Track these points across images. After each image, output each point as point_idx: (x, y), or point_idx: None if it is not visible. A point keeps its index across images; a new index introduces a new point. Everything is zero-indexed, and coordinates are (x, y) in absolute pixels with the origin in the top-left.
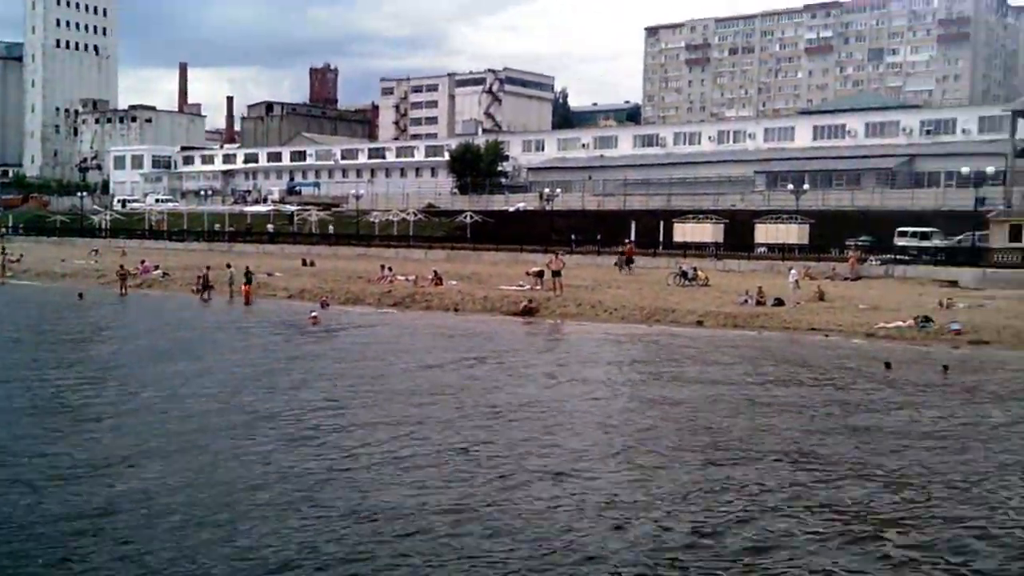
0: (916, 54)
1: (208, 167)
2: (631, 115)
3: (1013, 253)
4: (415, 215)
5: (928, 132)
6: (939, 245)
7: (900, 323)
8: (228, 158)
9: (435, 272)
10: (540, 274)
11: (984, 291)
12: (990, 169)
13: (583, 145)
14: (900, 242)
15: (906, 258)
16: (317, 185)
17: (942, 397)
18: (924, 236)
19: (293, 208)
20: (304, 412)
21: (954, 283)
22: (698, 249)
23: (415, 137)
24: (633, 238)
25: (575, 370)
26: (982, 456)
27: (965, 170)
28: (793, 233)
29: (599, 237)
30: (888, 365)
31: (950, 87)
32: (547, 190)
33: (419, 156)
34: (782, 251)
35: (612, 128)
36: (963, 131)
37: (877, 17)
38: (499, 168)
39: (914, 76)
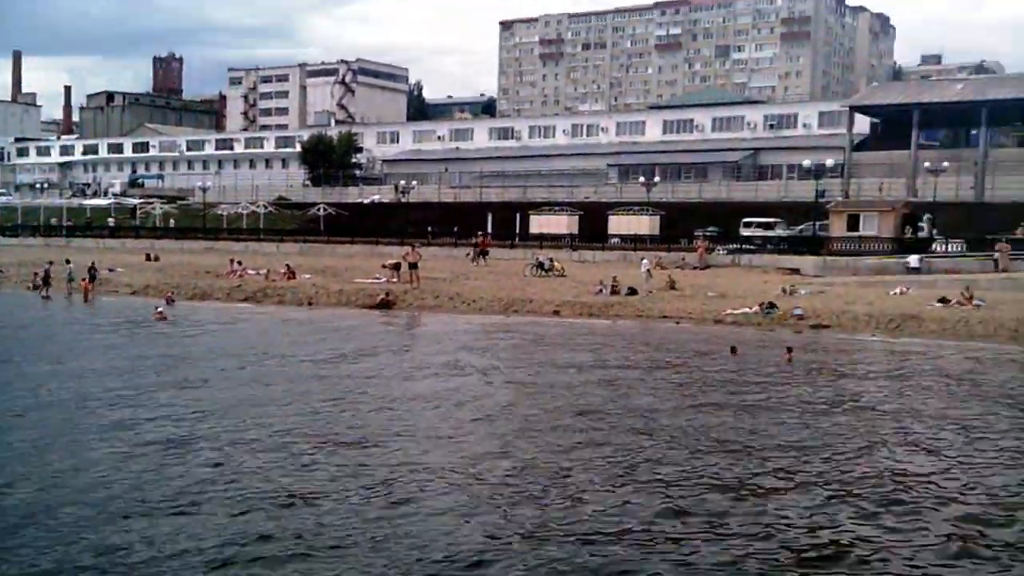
0: (760, 51)
1: (44, 159)
2: (486, 108)
3: (850, 242)
4: (266, 207)
5: (771, 126)
6: (782, 235)
7: (747, 309)
8: (66, 150)
9: (288, 266)
10: (397, 267)
11: (824, 278)
12: (829, 162)
13: (439, 137)
14: (745, 232)
15: (751, 247)
16: (161, 177)
17: (783, 376)
18: (768, 226)
19: (136, 201)
20: (154, 416)
21: (796, 271)
22: (554, 240)
23: (265, 128)
24: (489, 230)
25: (437, 360)
26: (815, 425)
27: (806, 163)
28: (645, 224)
29: (456, 229)
30: (734, 349)
31: (792, 83)
32: (403, 182)
33: (269, 147)
34: (635, 242)
35: (468, 121)
36: (804, 126)
37: (723, 15)
38: (353, 160)
39: (758, 72)
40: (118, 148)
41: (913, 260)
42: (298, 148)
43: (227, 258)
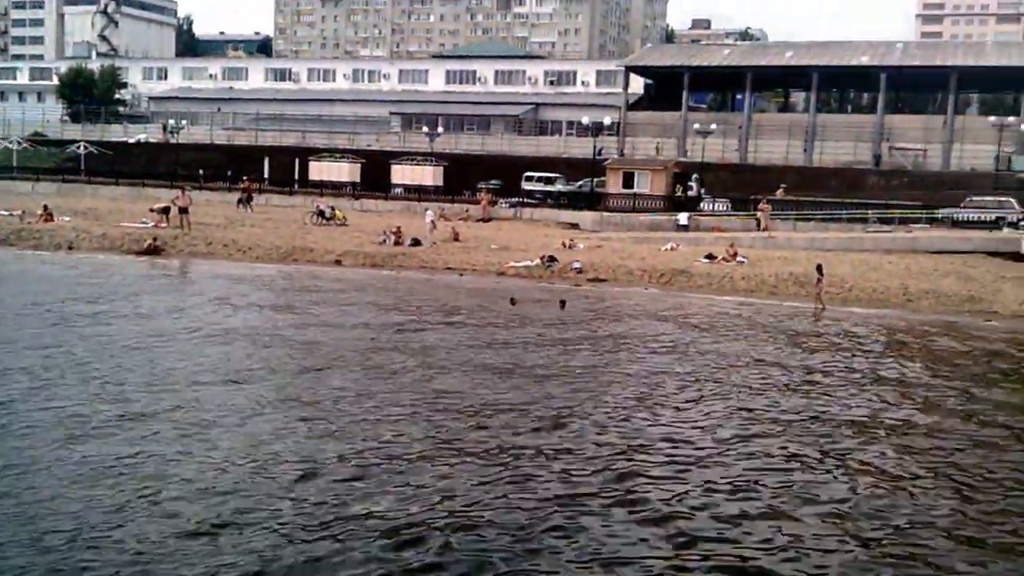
0: (541, 6)
1: None
2: (262, 47)
3: (626, 199)
4: (19, 144)
5: (552, 83)
6: (562, 190)
7: (528, 262)
8: None
9: (45, 207)
10: (166, 211)
11: (601, 233)
12: (607, 120)
13: (211, 76)
14: (527, 186)
15: (533, 201)
16: None
17: (558, 328)
18: (549, 181)
19: None
20: None
21: (576, 225)
22: (335, 188)
23: (17, 58)
24: (267, 175)
25: (203, 309)
26: (581, 359)
27: (585, 120)
28: (428, 175)
29: (230, 173)
30: (513, 301)
31: (571, 40)
32: (171, 121)
33: (23, 79)
34: (418, 192)
35: (242, 59)
36: (583, 83)
37: None
38: (117, 96)
39: (539, 27)
40: None
41: (683, 218)
42: (55, 81)
43: None
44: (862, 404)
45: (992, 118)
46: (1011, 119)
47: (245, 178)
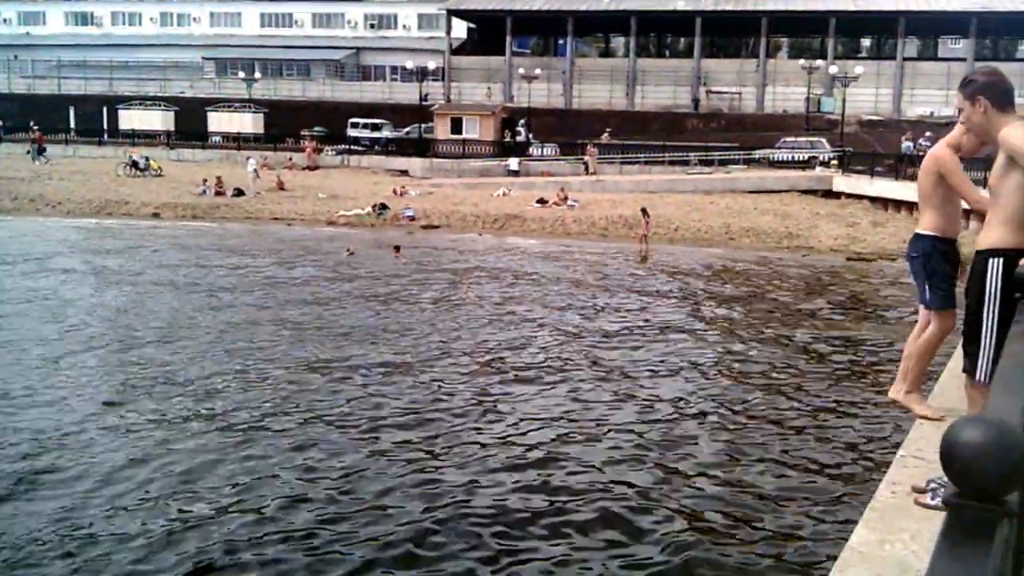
0: None
1: None
2: None
3: (455, 144)
4: None
5: (372, 26)
6: (389, 136)
7: (359, 210)
8: None
9: None
10: None
11: (432, 180)
12: (431, 65)
13: (4, 20)
14: (353, 133)
15: (360, 148)
16: None
17: (395, 274)
18: (375, 128)
19: None
20: None
21: (405, 172)
22: (148, 138)
23: None
24: (73, 125)
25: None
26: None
27: (410, 64)
28: (248, 122)
29: (33, 124)
30: (350, 251)
31: None
32: None
33: None
34: (238, 141)
35: (39, 3)
36: (404, 27)
37: None
38: None
39: None
40: None
41: (513, 163)
42: None
43: None
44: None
45: (801, 61)
46: (819, 62)
47: (35, 128)
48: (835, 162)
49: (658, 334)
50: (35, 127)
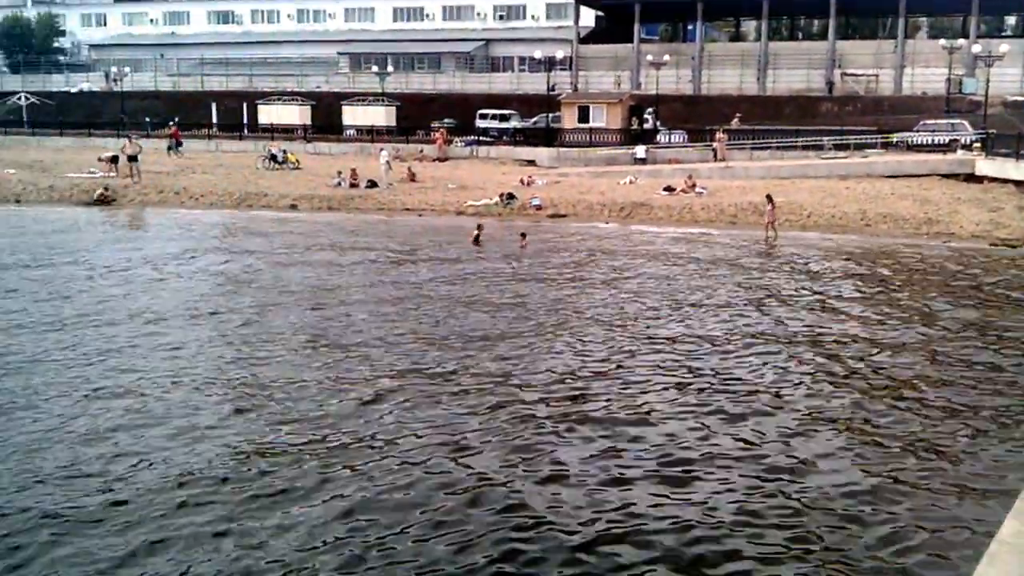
0: None
1: None
2: None
3: (582, 133)
4: None
5: (501, 17)
6: (517, 126)
7: (487, 200)
8: None
9: None
10: (114, 159)
11: (559, 169)
12: (559, 54)
13: (152, 21)
14: (482, 124)
15: (488, 139)
16: None
17: (518, 260)
18: (503, 118)
19: None
20: None
21: (532, 162)
22: (286, 132)
23: None
24: (215, 120)
25: (161, 258)
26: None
27: (537, 55)
28: (380, 115)
29: (177, 120)
30: (477, 239)
31: None
32: (114, 69)
33: None
34: (371, 133)
35: (183, 3)
36: (533, 17)
37: None
38: (56, 44)
39: None
40: None
41: (640, 151)
42: None
43: None
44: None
45: (942, 41)
46: (961, 42)
47: (171, 124)
48: (978, 145)
49: (780, 335)
50: (171, 123)
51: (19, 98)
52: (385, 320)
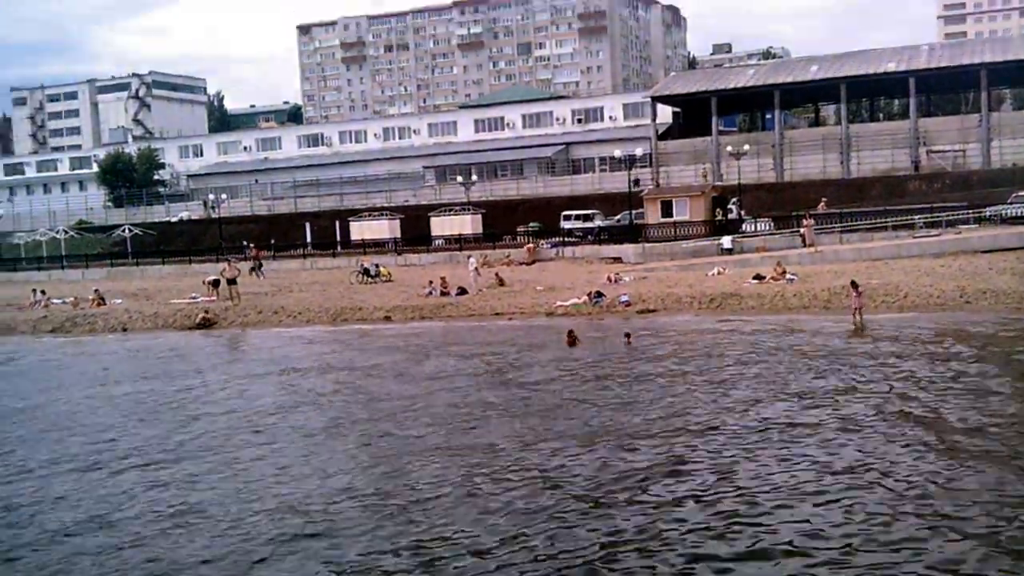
0: (560, 47)
1: None
2: (292, 115)
3: (666, 227)
4: (66, 233)
5: (580, 121)
6: (601, 225)
7: (576, 300)
8: None
9: (96, 291)
10: (216, 283)
11: (645, 264)
12: (639, 151)
13: (245, 148)
14: (566, 225)
15: (573, 239)
16: None
17: (627, 361)
18: (587, 218)
19: None
20: None
21: (618, 259)
22: (377, 246)
23: (57, 150)
24: (308, 239)
25: (268, 379)
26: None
27: (617, 153)
28: (467, 224)
29: (272, 241)
30: (574, 340)
31: (594, 77)
32: (211, 197)
33: (64, 169)
34: (459, 242)
35: (274, 129)
36: (610, 118)
37: (522, 13)
38: (156, 177)
39: (560, 68)
40: None
41: (726, 241)
42: (95, 168)
43: (29, 288)
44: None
45: None
46: None
47: (252, 246)
48: None
49: (871, 425)
50: (250, 245)
51: (123, 231)
52: (518, 425)
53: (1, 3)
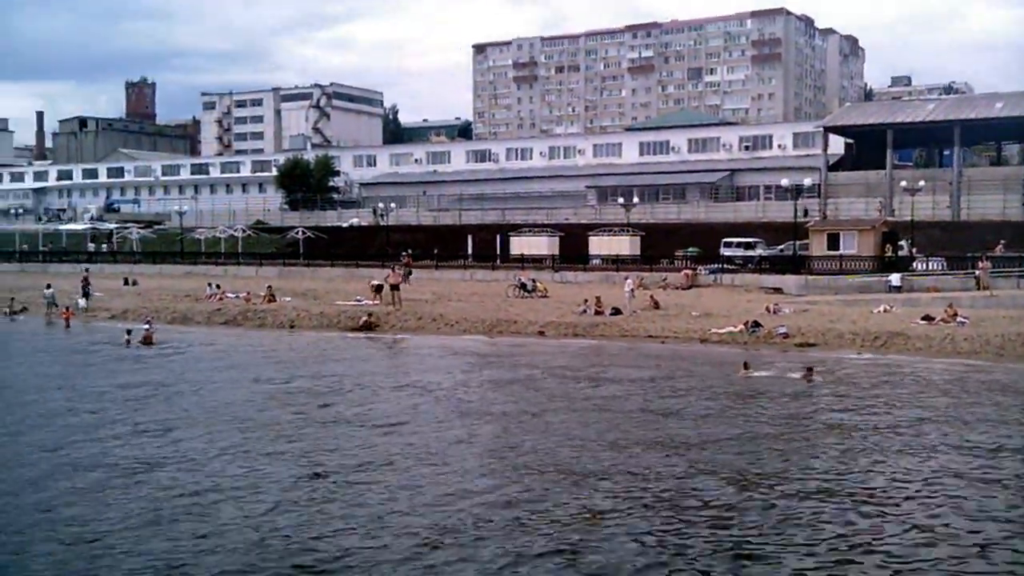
0: (732, 73)
1: (17, 185)
2: (462, 131)
3: (831, 260)
4: (244, 231)
5: (747, 148)
6: (763, 254)
7: (732, 328)
8: (39, 176)
9: (269, 287)
10: (379, 288)
11: (806, 297)
12: (807, 182)
13: (416, 160)
14: (726, 252)
15: (732, 267)
16: (137, 202)
17: (814, 398)
18: (749, 246)
19: (112, 226)
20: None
21: (778, 290)
22: (535, 262)
23: (240, 153)
24: (470, 251)
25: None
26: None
27: (784, 182)
28: (625, 245)
29: (436, 251)
30: (746, 365)
31: (765, 105)
32: (381, 205)
33: (245, 171)
34: (616, 262)
35: (444, 143)
36: (779, 146)
37: (695, 38)
38: (330, 183)
39: (731, 94)
40: (92, 173)
41: (895, 279)
42: (274, 172)
43: (206, 282)
44: None
45: None
46: None
47: (406, 254)
48: None
49: None
50: (403, 253)
51: (296, 232)
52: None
53: (197, 14)
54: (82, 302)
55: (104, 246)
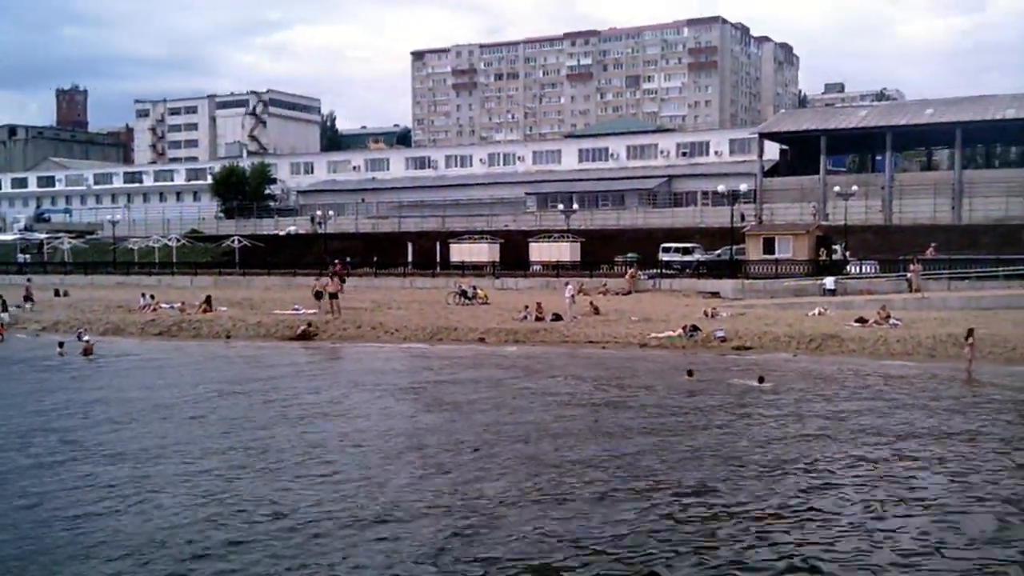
0: (669, 81)
1: None
2: (401, 138)
3: (767, 264)
4: (178, 241)
5: (684, 154)
6: (700, 259)
7: (670, 332)
8: None
9: (208, 297)
10: (319, 295)
11: (743, 300)
12: (743, 187)
13: (354, 168)
14: (665, 257)
15: (671, 272)
16: (68, 212)
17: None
18: (687, 251)
19: (42, 236)
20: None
21: (716, 294)
22: (476, 269)
23: (174, 160)
24: (410, 259)
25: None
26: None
27: (721, 188)
28: (565, 251)
29: (375, 259)
30: (690, 372)
31: (701, 112)
32: (319, 213)
33: (180, 180)
34: (556, 268)
35: (383, 151)
36: (716, 153)
37: (632, 46)
38: (267, 191)
39: (668, 102)
40: (22, 183)
41: (829, 282)
42: (209, 180)
43: (139, 292)
44: None
45: None
46: None
47: (336, 262)
48: None
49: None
50: (335, 261)
51: (232, 241)
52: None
53: (130, 20)
54: (5, 316)
55: (28, 257)
